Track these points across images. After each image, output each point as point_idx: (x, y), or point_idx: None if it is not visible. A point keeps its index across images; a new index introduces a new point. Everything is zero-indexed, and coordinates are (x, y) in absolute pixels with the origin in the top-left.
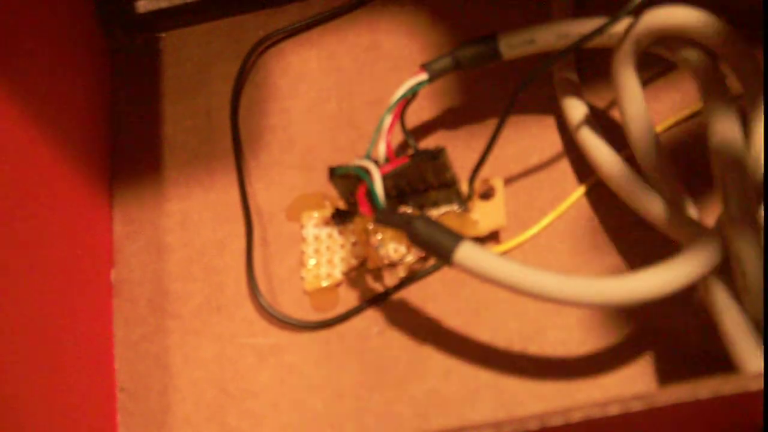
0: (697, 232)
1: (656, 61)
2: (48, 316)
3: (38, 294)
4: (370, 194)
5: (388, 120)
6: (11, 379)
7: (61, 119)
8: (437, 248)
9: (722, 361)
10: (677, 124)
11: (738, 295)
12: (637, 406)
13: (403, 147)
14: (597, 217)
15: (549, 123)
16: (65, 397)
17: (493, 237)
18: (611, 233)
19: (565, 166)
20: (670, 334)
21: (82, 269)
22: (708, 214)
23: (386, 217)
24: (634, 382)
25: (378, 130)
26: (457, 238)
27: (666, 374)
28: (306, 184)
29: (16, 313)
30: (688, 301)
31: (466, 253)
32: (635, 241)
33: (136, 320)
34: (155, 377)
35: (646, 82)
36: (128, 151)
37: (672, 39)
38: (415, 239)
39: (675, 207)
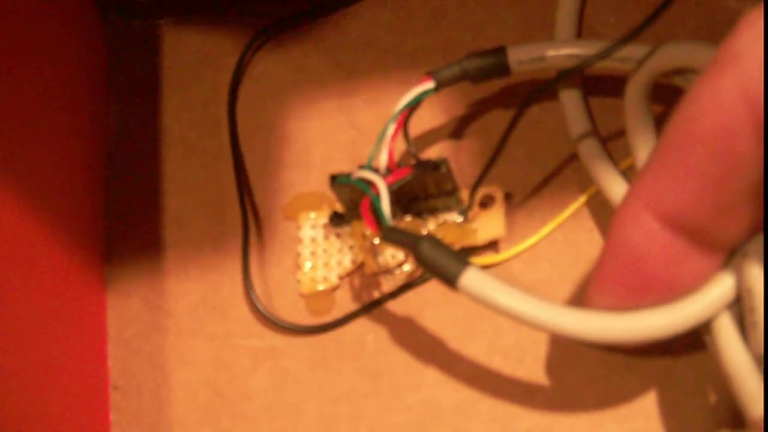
0: None
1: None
2: (41, 312)
3: (31, 289)
4: (376, 210)
5: (391, 128)
6: (2, 375)
7: (54, 107)
8: (442, 272)
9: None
10: None
11: (744, 330)
12: None
13: (403, 154)
14: (597, 228)
15: (551, 133)
16: (58, 394)
17: (491, 246)
18: None
19: (565, 176)
20: (666, 355)
21: (76, 264)
22: None
23: (392, 236)
24: (628, 400)
25: (380, 138)
26: (464, 263)
27: (662, 397)
28: (303, 182)
29: (7, 309)
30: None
31: (472, 279)
32: None
33: (130, 317)
34: (149, 376)
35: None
36: (124, 143)
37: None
38: (420, 260)
39: None
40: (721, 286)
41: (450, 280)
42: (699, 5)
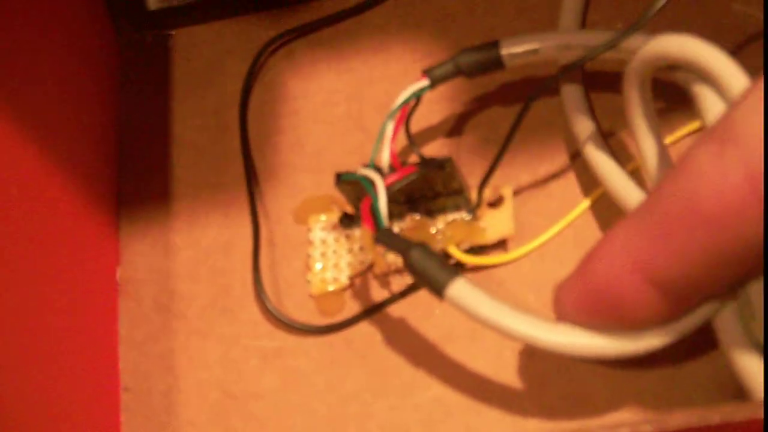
0: None
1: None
2: (53, 314)
3: (44, 291)
4: (374, 210)
5: (390, 127)
6: (15, 376)
7: (67, 116)
8: (430, 281)
9: (731, 386)
10: (688, 135)
11: (744, 321)
12: (647, 430)
13: (408, 151)
14: (607, 227)
15: (559, 130)
16: (69, 395)
17: (500, 245)
18: None
19: (575, 175)
20: (676, 353)
21: (88, 267)
22: None
23: (386, 239)
24: (638, 398)
25: (380, 137)
26: (452, 273)
27: (671, 395)
28: (314, 187)
29: (21, 310)
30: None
31: (460, 290)
32: None
33: (141, 320)
34: (159, 378)
35: (658, 96)
36: (136, 149)
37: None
38: (409, 268)
39: None
40: None
41: (437, 290)
42: (704, 9)
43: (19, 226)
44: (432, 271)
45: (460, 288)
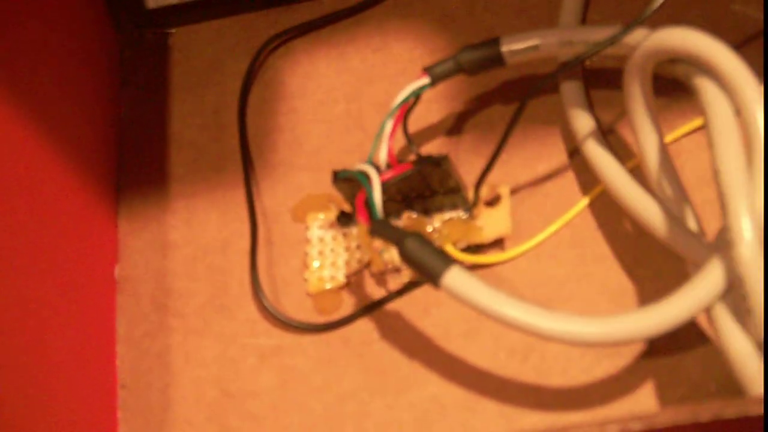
0: (697, 249)
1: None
2: (51, 311)
3: (42, 288)
4: (368, 203)
5: (389, 124)
6: (12, 372)
7: (67, 113)
8: (426, 269)
9: (725, 383)
10: (687, 134)
11: (740, 316)
12: (636, 427)
13: (407, 151)
14: (604, 226)
15: (557, 129)
16: (66, 392)
17: (497, 244)
18: (617, 243)
19: (572, 174)
20: (672, 351)
21: (86, 264)
22: (717, 224)
23: (380, 230)
24: (634, 396)
25: (379, 134)
26: (448, 261)
27: (667, 393)
28: (312, 185)
29: (19, 307)
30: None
31: (455, 278)
32: (642, 251)
33: (139, 317)
34: (156, 375)
35: (659, 92)
36: (135, 147)
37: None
38: (405, 257)
39: (676, 221)
40: (709, 282)
41: (433, 278)
42: (704, 9)
43: (18, 224)
44: (427, 260)
45: (455, 276)
